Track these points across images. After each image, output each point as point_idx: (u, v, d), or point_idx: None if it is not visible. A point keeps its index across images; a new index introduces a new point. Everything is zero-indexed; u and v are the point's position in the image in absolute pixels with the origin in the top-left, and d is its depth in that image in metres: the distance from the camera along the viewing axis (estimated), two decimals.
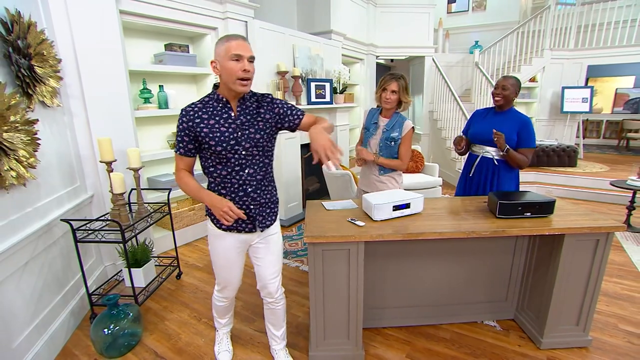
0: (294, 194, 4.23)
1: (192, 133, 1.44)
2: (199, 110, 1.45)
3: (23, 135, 1.78)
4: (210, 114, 1.45)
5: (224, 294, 1.81)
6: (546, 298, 1.95)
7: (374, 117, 2.41)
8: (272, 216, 1.66)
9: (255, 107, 1.54)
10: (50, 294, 2.06)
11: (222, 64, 1.39)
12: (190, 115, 1.43)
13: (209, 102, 1.48)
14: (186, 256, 3.27)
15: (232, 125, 1.47)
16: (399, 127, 2.29)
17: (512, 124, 2.35)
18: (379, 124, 2.37)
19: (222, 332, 2.03)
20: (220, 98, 1.48)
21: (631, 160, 6.86)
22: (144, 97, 3.16)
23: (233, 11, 3.48)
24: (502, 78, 2.39)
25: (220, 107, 1.47)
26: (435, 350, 2.00)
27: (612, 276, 2.77)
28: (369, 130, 2.41)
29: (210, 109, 1.46)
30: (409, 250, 2.07)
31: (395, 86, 2.20)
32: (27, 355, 1.77)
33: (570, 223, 1.81)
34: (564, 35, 6.65)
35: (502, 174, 2.41)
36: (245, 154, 1.49)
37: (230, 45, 1.37)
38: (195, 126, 1.43)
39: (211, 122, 1.44)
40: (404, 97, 2.24)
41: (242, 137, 1.47)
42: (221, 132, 1.44)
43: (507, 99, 2.36)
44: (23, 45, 1.88)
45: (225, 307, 1.90)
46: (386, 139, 2.30)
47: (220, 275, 1.72)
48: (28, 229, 1.84)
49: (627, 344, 2.01)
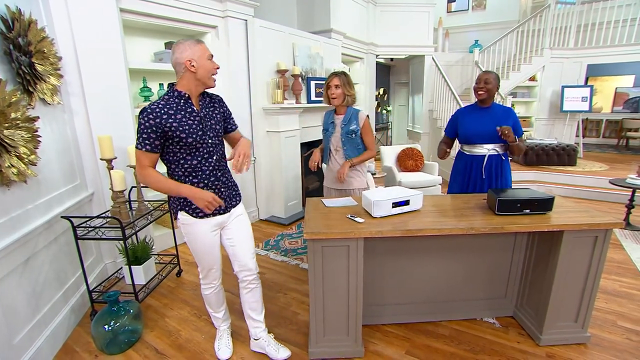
0: (293, 193, 4.23)
1: (160, 129, 1.51)
2: (163, 108, 1.53)
3: (24, 132, 1.79)
4: (176, 110, 1.56)
5: (209, 278, 1.87)
6: (545, 295, 1.96)
7: (329, 117, 2.54)
8: (237, 197, 1.84)
9: (210, 102, 1.72)
10: (51, 291, 2.06)
11: (200, 62, 1.56)
12: (156, 113, 1.50)
13: (170, 100, 1.57)
14: (186, 254, 3.28)
15: (196, 118, 1.61)
16: (354, 119, 2.44)
17: (505, 118, 2.38)
18: (335, 122, 2.49)
19: (221, 329, 2.04)
20: (183, 94, 1.59)
21: (631, 159, 6.87)
22: (144, 95, 3.17)
23: (233, 9, 3.49)
24: (482, 72, 2.42)
25: (183, 102, 1.59)
26: (435, 347, 2.01)
27: (611, 274, 2.77)
28: (328, 131, 2.52)
29: (174, 105, 1.57)
30: (408, 247, 2.08)
31: (337, 80, 2.36)
32: (28, 351, 1.78)
33: (569, 220, 1.82)
34: (563, 34, 6.66)
35: (505, 167, 2.45)
36: (211, 142, 1.66)
37: (205, 47, 1.59)
38: (163, 122, 1.51)
39: (178, 116, 1.55)
40: (346, 90, 2.38)
41: (206, 127, 1.64)
42: (189, 125, 1.57)
43: (490, 93, 2.39)
44: (24, 42, 1.88)
45: (216, 295, 1.92)
46: (346, 133, 2.43)
47: (203, 260, 1.80)
48: (29, 226, 1.85)
49: (625, 341, 2.02)
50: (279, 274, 2.89)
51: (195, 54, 1.55)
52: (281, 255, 3.25)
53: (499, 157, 2.43)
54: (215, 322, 2.04)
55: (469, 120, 2.49)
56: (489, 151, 2.43)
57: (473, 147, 2.49)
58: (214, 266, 1.84)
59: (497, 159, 2.44)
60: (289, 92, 4.12)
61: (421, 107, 7.31)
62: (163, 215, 2.69)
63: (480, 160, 2.46)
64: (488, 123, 2.38)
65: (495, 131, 2.31)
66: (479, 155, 2.46)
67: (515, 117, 2.42)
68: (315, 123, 4.56)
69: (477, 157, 2.47)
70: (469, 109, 2.55)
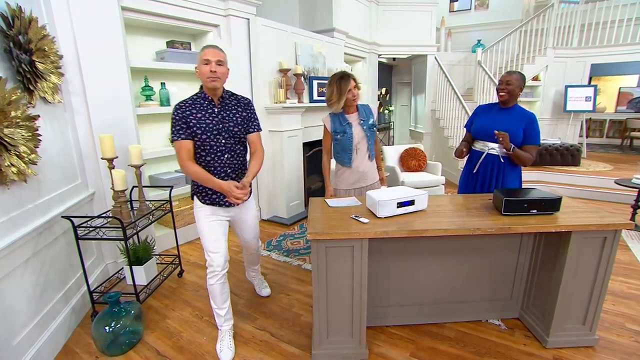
0: (295, 193, 4.21)
1: (185, 122, 1.79)
2: (189, 106, 1.82)
3: (24, 131, 1.77)
4: (198, 109, 1.83)
5: (215, 262, 1.90)
6: (552, 296, 1.93)
7: (342, 119, 2.40)
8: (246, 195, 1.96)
9: (234, 105, 1.94)
10: (52, 292, 2.04)
11: (198, 67, 1.81)
12: (183, 109, 1.80)
13: (197, 100, 1.85)
14: (188, 254, 3.26)
15: (215, 118, 1.85)
16: (369, 113, 2.46)
17: (518, 121, 2.31)
18: (351, 122, 2.39)
19: (223, 329, 2.02)
20: (206, 96, 1.86)
21: (635, 159, 6.82)
22: (146, 94, 3.15)
23: (235, 8, 3.46)
24: (505, 73, 2.36)
25: (206, 103, 1.85)
26: (440, 349, 1.98)
27: (618, 275, 2.74)
28: (346, 133, 2.37)
29: (198, 105, 1.84)
30: (413, 248, 2.05)
31: (354, 83, 2.33)
32: (29, 352, 1.75)
33: (577, 220, 1.78)
34: (567, 34, 6.61)
35: (506, 170, 2.39)
36: (224, 142, 1.88)
37: (202, 53, 1.80)
38: (187, 117, 1.79)
39: (199, 115, 1.82)
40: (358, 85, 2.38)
41: (223, 128, 1.86)
42: (206, 124, 1.82)
43: (511, 93, 2.32)
44: (24, 40, 1.86)
45: (221, 286, 1.94)
46: (369, 128, 2.41)
47: (209, 243, 1.92)
48: (29, 226, 1.83)
49: (634, 344, 1.98)
50: (281, 274, 2.86)
51: (198, 60, 1.81)
52: (283, 255, 3.22)
53: (497, 158, 2.38)
54: (217, 321, 2.02)
55: (485, 117, 2.47)
56: (488, 149, 2.40)
57: (478, 143, 2.49)
58: (218, 250, 1.92)
59: (495, 159, 2.39)
60: (291, 92, 4.09)
61: (423, 107, 7.27)
62: (164, 215, 2.67)
63: (478, 155, 2.45)
64: (498, 122, 2.34)
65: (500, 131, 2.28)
66: (479, 151, 2.46)
67: (532, 124, 2.29)
68: (318, 123, 4.52)
69: (477, 153, 2.47)
70: (489, 106, 2.52)
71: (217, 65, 1.77)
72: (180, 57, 3.28)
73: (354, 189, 2.48)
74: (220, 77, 1.80)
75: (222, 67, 1.81)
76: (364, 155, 2.42)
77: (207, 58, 1.76)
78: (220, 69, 1.79)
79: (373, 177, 2.51)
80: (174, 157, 3.60)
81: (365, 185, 2.47)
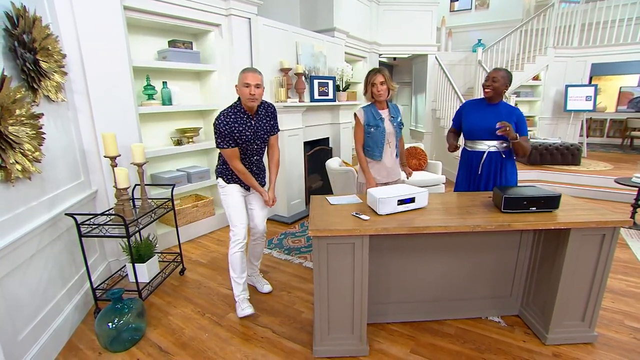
0: (296, 192, 4.22)
1: (231, 136, 2.10)
2: (232, 121, 2.11)
3: (28, 129, 1.79)
4: (240, 122, 2.13)
5: (239, 232, 2.23)
6: (551, 293, 1.94)
7: (375, 114, 2.49)
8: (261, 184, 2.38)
9: (264, 114, 2.25)
10: (55, 288, 2.06)
11: (239, 88, 2.10)
12: (229, 123, 2.09)
13: (237, 112, 2.14)
14: (189, 252, 3.28)
15: (251, 129, 2.17)
16: (397, 111, 2.57)
17: (509, 116, 2.36)
18: (384, 118, 2.48)
19: (241, 297, 2.30)
20: (244, 111, 2.15)
21: (635, 158, 6.83)
22: (148, 93, 3.17)
23: (237, 8, 3.48)
24: (492, 70, 2.40)
25: (245, 117, 2.15)
26: (440, 346, 2.00)
27: (618, 273, 2.75)
28: (379, 127, 2.46)
29: (238, 118, 2.13)
30: (413, 246, 2.07)
31: (382, 78, 2.39)
32: (33, 348, 1.77)
33: (576, 217, 1.80)
34: (567, 33, 6.61)
35: (508, 165, 2.42)
36: (256, 147, 2.25)
37: (243, 76, 2.07)
38: (232, 131, 2.10)
39: (240, 128, 2.13)
40: (390, 85, 2.42)
41: (257, 136, 2.21)
42: (246, 136, 2.15)
43: (497, 90, 2.37)
44: (28, 39, 1.88)
45: (241, 256, 2.25)
46: (398, 126, 2.54)
47: (233, 215, 2.25)
48: (33, 223, 1.84)
49: (633, 340, 2.00)
50: (282, 272, 2.88)
51: (238, 81, 2.09)
52: (284, 254, 3.24)
53: (499, 154, 2.41)
54: (235, 291, 2.31)
55: (473, 114, 2.49)
56: (489, 147, 2.42)
57: (474, 143, 2.49)
58: (240, 222, 2.24)
59: (497, 156, 2.42)
60: (292, 91, 4.11)
61: (424, 107, 7.28)
62: (166, 213, 2.68)
63: (479, 157, 2.45)
64: (491, 119, 2.36)
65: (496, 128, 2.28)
66: (478, 151, 2.46)
67: (519, 116, 2.38)
68: (319, 122, 4.55)
69: (477, 153, 2.47)
70: (475, 103, 2.54)
71: (255, 88, 2.05)
72: (182, 57, 3.30)
73: (383, 184, 2.55)
74: (258, 98, 2.09)
75: (260, 89, 2.08)
76: (392, 151, 2.55)
77: (247, 82, 2.03)
78: (258, 91, 2.07)
79: (397, 174, 2.62)
80: (175, 156, 3.63)
81: (393, 181, 2.59)
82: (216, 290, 2.62)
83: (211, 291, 2.61)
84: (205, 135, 3.87)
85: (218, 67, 3.58)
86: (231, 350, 1.98)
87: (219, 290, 2.63)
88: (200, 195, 3.87)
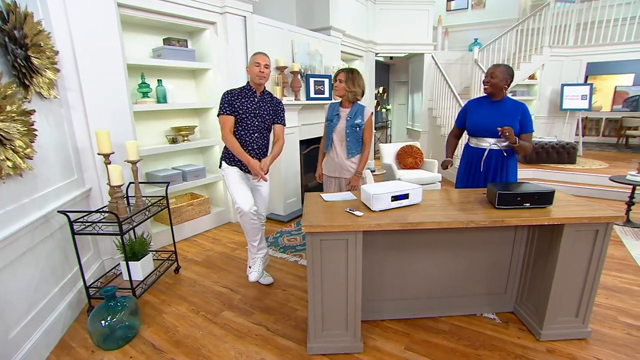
0: (292, 190, 4.22)
1: (230, 103, 2.30)
2: (237, 94, 2.34)
3: (19, 126, 1.77)
4: (243, 96, 2.35)
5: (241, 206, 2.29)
6: (545, 290, 1.94)
7: (334, 109, 2.69)
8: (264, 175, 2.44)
9: (269, 100, 2.46)
10: (48, 286, 2.04)
11: (249, 68, 2.35)
12: (231, 94, 2.33)
13: (243, 90, 2.37)
14: (185, 251, 3.26)
15: (254, 104, 2.37)
16: (360, 114, 2.60)
17: (513, 113, 2.34)
18: (340, 115, 2.65)
19: (257, 257, 2.49)
20: (251, 88, 2.38)
21: (630, 157, 6.86)
22: (143, 91, 3.15)
23: (232, 6, 3.47)
24: (492, 66, 2.39)
25: (250, 94, 2.37)
26: (434, 342, 1.99)
27: (612, 270, 2.76)
28: (332, 122, 2.67)
29: (243, 94, 2.36)
30: (407, 242, 2.07)
31: (342, 76, 2.56)
32: (24, 346, 1.76)
33: (570, 213, 1.80)
34: (563, 33, 6.64)
35: (509, 163, 2.42)
36: (257, 123, 2.39)
37: (254, 57, 2.33)
38: (233, 100, 2.32)
39: (243, 100, 2.34)
40: (347, 86, 2.55)
41: (258, 114, 2.38)
42: (247, 107, 2.34)
43: (495, 87, 2.35)
44: (19, 35, 1.87)
45: (250, 223, 2.36)
46: (351, 126, 2.59)
47: (237, 194, 2.35)
48: (24, 220, 1.83)
49: (626, 336, 2.00)
50: (278, 270, 2.87)
51: (249, 62, 2.36)
52: (280, 252, 3.23)
53: (500, 152, 2.41)
54: (250, 251, 2.51)
55: (478, 111, 2.47)
56: (490, 145, 2.41)
57: (478, 140, 2.48)
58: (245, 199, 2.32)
59: (498, 154, 2.41)
60: (288, 89, 4.10)
61: (420, 106, 7.29)
62: (161, 211, 2.67)
63: (480, 154, 2.45)
64: (495, 116, 2.35)
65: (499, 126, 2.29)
66: (480, 148, 2.46)
67: (524, 112, 2.34)
68: (315, 120, 4.54)
69: (479, 150, 2.46)
70: (479, 101, 2.52)
71: (264, 68, 2.31)
72: (177, 55, 3.28)
73: (334, 178, 2.74)
74: (265, 76, 2.33)
75: (268, 70, 2.34)
76: (340, 148, 2.65)
77: (257, 61, 2.29)
78: (267, 70, 2.33)
79: (350, 172, 2.68)
80: (170, 155, 3.61)
81: (341, 177, 2.70)
82: (211, 289, 2.61)
83: (206, 289, 2.60)
84: (201, 134, 3.86)
85: (213, 65, 3.57)
86: (225, 348, 1.98)
87: (214, 288, 2.62)
88: (195, 194, 3.85)
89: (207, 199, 3.77)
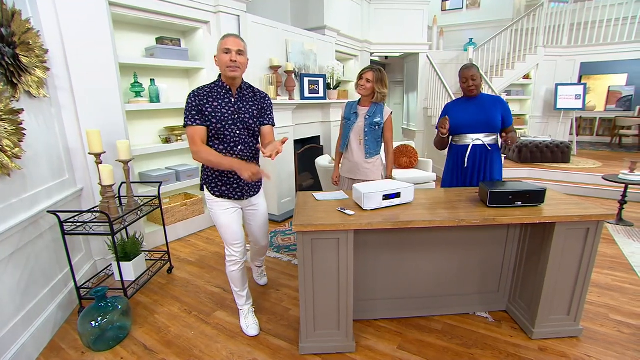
0: (287, 190, 4.20)
1: (199, 109, 1.75)
2: (206, 94, 1.78)
3: (7, 125, 1.75)
4: (215, 98, 1.79)
5: (235, 253, 1.97)
6: (537, 288, 1.95)
7: (352, 108, 2.60)
8: (256, 188, 2.05)
9: (251, 96, 1.90)
10: (37, 287, 2.02)
11: (218, 56, 1.78)
12: (199, 97, 1.77)
13: (214, 88, 1.82)
14: (178, 251, 3.24)
15: (231, 108, 1.81)
16: (380, 112, 2.50)
17: (494, 108, 2.40)
18: (358, 113, 2.55)
19: (245, 309, 2.13)
20: (224, 85, 1.83)
21: (623, 156, 6.90)
22: (135, 90, 3.13)
23: (225, 5, 3.46)
24: (465, 70, 2.41)
25: (224, 93, 1.82)
26: (427, 342, 1.99)
27: (604, 268, 2.77)
28: (350, 120, 2.57)
29: (215, 93, 1.81)
30: (400, 242, 2.06)
31: (370, 75, 2.41)
32: (12, 347, 1.74)
33: (561, 212, 1.80)
34: (557, 33, 6.69)
35: (494, 157, 2.45)
36: (239, 133, 1.84)
37: (222, 41, 1.75)
38: (202, 105, 1.76)
39: (215, 104, 1.78)
40: (377, 86, 2.43)
41: (238, 119, 1.82)
42: (222, 113, 1.79)
43: (479, 88, 2.44)
44: (7, 33, 1.85)
45: (241, 272, 2.01)
46: (370, 125, 2.49)
47: (226, 233, 1.95)
48: (13, 220, 1.80)
49: (617, 333, 2.01)
50: (271, 270, 2.86)
51: (217, 49, 1.78)
52: (274, 252, 3.22)
53: (484, 147, 2.43)
54: (238, 302, 2.12)
55: (457, 111, 2.50)
56: (473, 141, 2.44)
57: (460, 137, 2.50)
58: (235, 239, 1.95)
59: (482, 148, 2.44)
60: (282, 89, 4.09)
61: (416, 105, 7.30)
62: (153, 210, 2.65)
63: (464, 150, 2.47)
64: (474, 112, 2.41)
65: (480, 120, 2.38)
66: (464, 145, 2.48)
67: (504, 106, 2.42)
68: (309, 120, 4.53)
69: (463, 147, 2.49)
70: (456, 102, 2.57)
71: (237, 55, 1.73)
72: (170, 54, 3.26)
73: (349, 179, 2.62)
74: (240, 66, 1.76)
75: (242, 57, 1.76)
76: (358, 148, 2.54)
77: (227, 47, 1.72)
78: (241, 58, 1.75)
79: (365, 174, 2.57)
80: (164, 154, 3.58)
81: (358, 179, 2.57)
82: (204, 289, 2.59)
83: (199, 289, 2.58)
84: None
85: (207, 65, 3.55)
86: (217, 348, 1.96)
87: (207, 288, 2.60)
88: (189, 194, 3.83)
89: (200, 199, 3.75)
